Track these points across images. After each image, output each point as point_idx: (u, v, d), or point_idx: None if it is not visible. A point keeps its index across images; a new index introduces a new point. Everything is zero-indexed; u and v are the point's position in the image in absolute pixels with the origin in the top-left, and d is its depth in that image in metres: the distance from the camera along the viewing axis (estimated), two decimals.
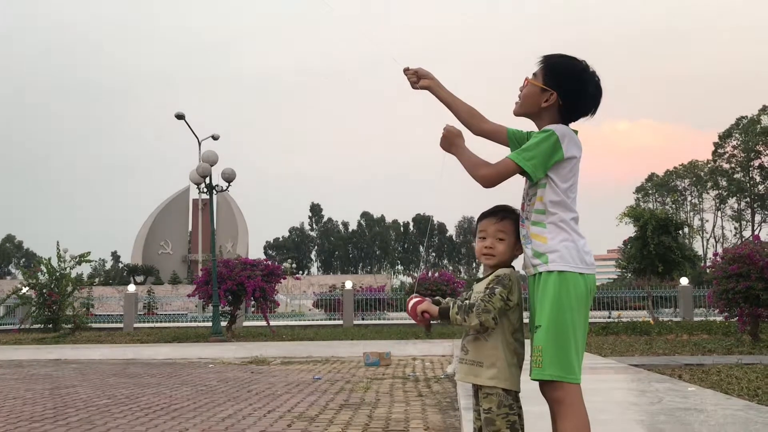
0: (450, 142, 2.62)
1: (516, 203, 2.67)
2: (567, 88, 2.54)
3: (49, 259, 21.01)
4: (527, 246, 2.52)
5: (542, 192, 2.49)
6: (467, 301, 2.51)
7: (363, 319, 24.83)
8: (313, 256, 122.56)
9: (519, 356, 2.52)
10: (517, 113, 2.66)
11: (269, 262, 17.91)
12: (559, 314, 2.38)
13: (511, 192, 2.72)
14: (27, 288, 20.78)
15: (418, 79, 2.81)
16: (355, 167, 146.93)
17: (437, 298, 2.68)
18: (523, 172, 2.47)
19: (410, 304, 2.62)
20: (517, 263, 2.67)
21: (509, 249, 2.60)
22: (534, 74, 2.61)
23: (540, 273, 2.45)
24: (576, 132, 2.55)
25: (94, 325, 23.34)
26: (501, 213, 2.65)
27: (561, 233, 2.45)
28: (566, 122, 2.58)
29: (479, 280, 2.65)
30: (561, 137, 2.44)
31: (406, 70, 2.84)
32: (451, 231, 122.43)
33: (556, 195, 2.47)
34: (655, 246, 21.35)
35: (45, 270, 20.78)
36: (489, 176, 2.49)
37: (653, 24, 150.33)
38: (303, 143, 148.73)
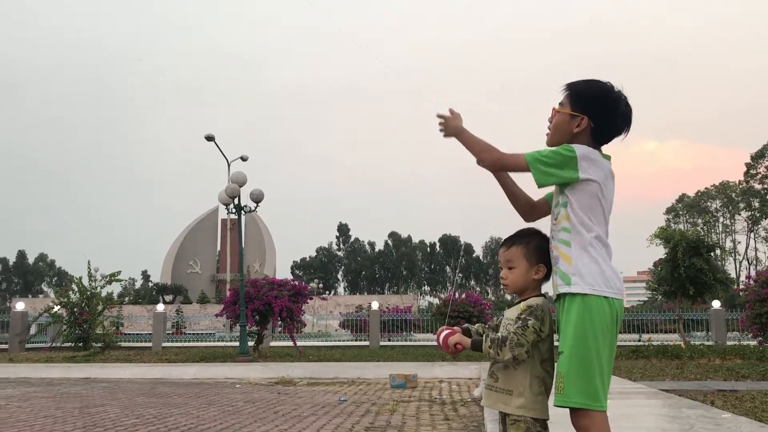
0: (454, 127, 2.62)
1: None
2: (596, 109, 2.54)
3: (80, 278, 21.33)
4: (555, 266, 2.51)
5: (565, 211, 2.49)
6: (499, 334, 2.50)
7: (389, 340, 24.78)
8: (339, 276, 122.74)
9: (547, 385, 2.51)
10: (550, 144, 2.64)
11: (296, 283, 17.98)
12: (582, 340, 2.36)
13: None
14: (58, 306, 21.09)
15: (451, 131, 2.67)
16: (382, 187, 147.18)
17: (466, 325, 2.67)
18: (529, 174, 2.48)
19: (441, 336, 2.61)
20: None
21: (521, 275, 2.59)
22: (560, 104, 2.61)
23: (564, 296, 2.44)
24: (608, 158, 2.54)
25: (123, 344, 23.60)
26: (509, 241, 2.66)
27: (585, 255, 2.43)
28: (600, 144, 2.57)
29: (510, 305, 2.65)
30: (580, 157, 2.43)
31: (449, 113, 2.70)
32: (479, 252, 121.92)
33: (576, 216, 2.46)
34: (686, 268, 20.95)
35: (76, 289, 21.09)
36: (492, 160, 2.53)
37: (679, 41, 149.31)
38: (331, 163, 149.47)
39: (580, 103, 2.55)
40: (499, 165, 2.55)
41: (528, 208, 2.74)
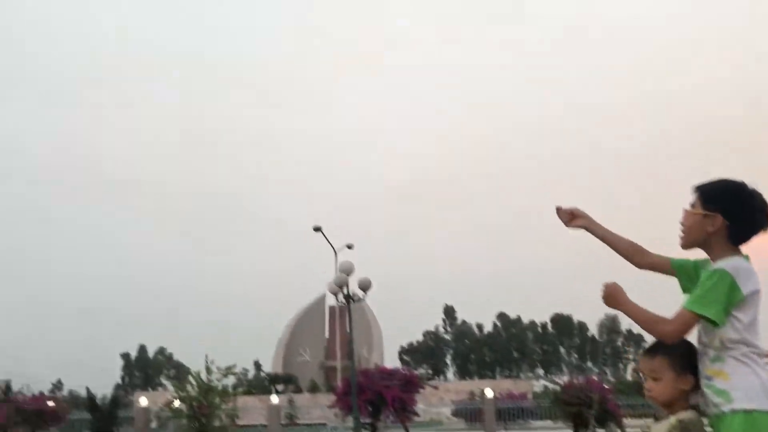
0: (615, 299, 2.51)
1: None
2: (730, 206, 2.45)
3: (198, 372, 21.91)
4: (707, 383, 2.35)
5: (722, 330, 2.33)
6: None
7: (506, 428, 23.84)
8: (448, 360, 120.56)
9: None
10: (684, 246, 2.58)
11: (407, 371, 17.78)
12: None
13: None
14: (178, 401, 21.68)
15: (572, 218, 2.78)
16: (488, 267, 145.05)
17: None
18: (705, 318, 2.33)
19: None
20: None
21: (668, 387, 2.44)
22: (692, 204, 2.54)
23: (724, 413, 2.25)
24: (747, 258, 2.42)
25: None
26: (653, 350, 2.53)
27: (742, 367, 2.28)
28: (737, 243, 2.46)
29: (656, 419, 2.50)
30: (735, 275, 2.31)
31: (558, 210, 2.83)
32: (593, 330, 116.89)
33: (736, 333, 2.31)
34: None
35: (194, 383, 21.64)
36: (671, 333, 2.38)
37: None
38: (433, 244, 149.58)
39: (713, 201, 2.48)
40: (678, 335, 2.41)
41: (632, 251, 2.67)
